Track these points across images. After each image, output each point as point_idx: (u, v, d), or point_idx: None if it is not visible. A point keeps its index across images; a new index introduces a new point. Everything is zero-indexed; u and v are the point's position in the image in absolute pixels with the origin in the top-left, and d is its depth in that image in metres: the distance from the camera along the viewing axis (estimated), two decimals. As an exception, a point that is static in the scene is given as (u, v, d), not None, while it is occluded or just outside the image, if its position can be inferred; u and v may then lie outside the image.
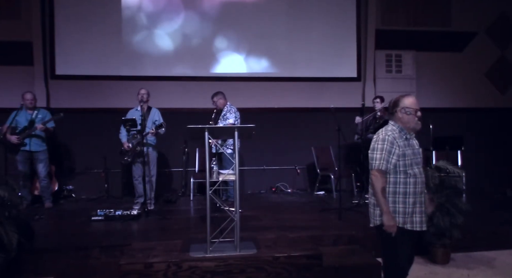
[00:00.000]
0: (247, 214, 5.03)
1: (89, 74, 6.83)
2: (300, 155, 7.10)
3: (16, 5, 6.68)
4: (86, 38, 6.81)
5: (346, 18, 7.48)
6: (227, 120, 5.56)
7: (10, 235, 3.38)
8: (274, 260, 3.45)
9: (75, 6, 6.78)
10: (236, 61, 7.23)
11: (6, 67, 6.66)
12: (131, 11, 6.94)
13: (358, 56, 7.55)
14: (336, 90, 7.37)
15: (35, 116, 5.55)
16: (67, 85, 6.82)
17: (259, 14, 7.20)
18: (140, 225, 4.85)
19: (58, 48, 6.81)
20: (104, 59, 6.88)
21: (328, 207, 5.61)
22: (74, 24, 6.78)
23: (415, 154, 2.72)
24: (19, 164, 5.52)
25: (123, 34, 6.94)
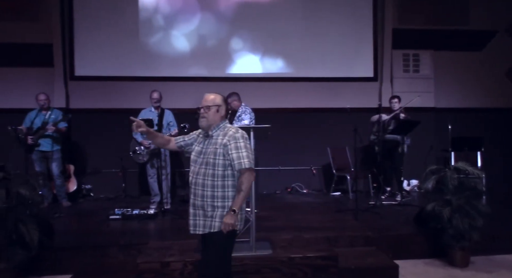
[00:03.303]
0: (263, 214, 5.03)
1: (107, 75, 6.95)
2: (316, 156, 7.07)
3: (36, 8, 6.83)
4: (104, 40, 6.93)
5: (363, 17, 7.41)
6: (242, 121, 5.56)
7: (31, 233, 3.46)
8: (289, 261, 3.45)
9: (94, 8, 6.90)
10: (251, 62, 7.24)
11: (27, 69, 6.81)
12: (148, 12, 7.02)
13: (374, 55, 7.47)
14: (352, 90, 7.31)
15: (48, 117, 5.66)
16: (86, 86, 6.94)
17: (275, 15, 7.20)
18: (157, 224, 4.91)
19: (77, 49, 6.94)
20: (122, 60, 6.98)
21: (344, 207, 5.58)
22: (92, 26, 6.91)
23: None
24: (35, 163, 5.65)
25: (140, 35, 7.02)
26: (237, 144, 2.58)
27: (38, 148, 5.58)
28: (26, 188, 3.61)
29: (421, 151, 6.69)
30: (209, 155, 2.59)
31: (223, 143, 2.58)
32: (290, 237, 4.06)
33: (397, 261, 3.77)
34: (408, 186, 7.00)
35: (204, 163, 2.60)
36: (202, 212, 2.59)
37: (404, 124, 5.83)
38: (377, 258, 3.85)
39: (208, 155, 2.60)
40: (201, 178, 2.59)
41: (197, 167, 2.63)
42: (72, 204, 5.98)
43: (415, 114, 6.16)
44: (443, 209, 3.88)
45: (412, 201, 5.92)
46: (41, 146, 5.58)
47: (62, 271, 3.74)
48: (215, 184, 2.56)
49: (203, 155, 2.63)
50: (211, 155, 2.58)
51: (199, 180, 2.59)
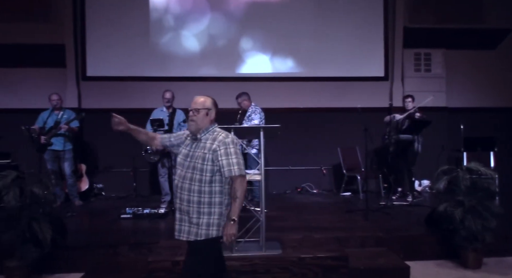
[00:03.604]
0: (272, 214, 5.02)
1: (119, 75, 7.01)
2: (326, 155, 7.05)
3: (49, 9, 6.92)
4: (115, 40, 6.99)
5: (373, 16, 7.36)
6: (252, 121, 5.57)
7: (44, 232, 3.51)
8: (299, 261, 3.45)
9: (106, 9, 6.97)
10: (261, 61, 7.24)
11: (40, 69, 6.91)
12: (158, 13, 7.07)
13: (385, 55, 7.41)
14: (363, 90, 7.26)
15: (61, 117, 5.74)
16: (98, 86, 7.02)
17: (285, 14, 7.19)
18: (167, 223, 4.92)
19: (89, 50, 7.02)
20: (133, 61, 7.04)
21: (354, 208, 5.55)
22: (104, 27, 6.98)
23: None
24: (48, 163, 5.72)
25: (150, 36, 7.07)
26: (227, 149, 2.50)
27: (51, 147, 5.65)
28: (39, 187, 3.66)
29: (433, 151, 6.62)
30: (196, 159, 2.51)
31: (212, 148, 2.50)
32: (300, 237, 4.06)
33: (408, 262, 3.74)
34: (419, 186, 6.94)
35: (191, 167, 2.51)
36: (188, 218, 2.51)
37: (416, 124, 5.78)
38: (388, 258, 3.83)
39: (195, 159, 2.51)
40: (187, 183, 2.51)
41: (184, 171, 2.54)
42: (84, 203, 6.05)
43: (427, 114, 6.10)
44: (455, 209, 3.84)
45: (423, 202, 5.87)
46: (54, 145, 5.65)
47: (74, 269, 3.79)
48: (202, 189, 2.49)
49: (190, 158, 2.55)
50: (199, 160, 2.50)
51: (185, 184, 2.52)
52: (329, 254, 3.52)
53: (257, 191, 5.47)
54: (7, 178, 3.60)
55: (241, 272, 3.40)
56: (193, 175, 2.50)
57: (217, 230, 2.51)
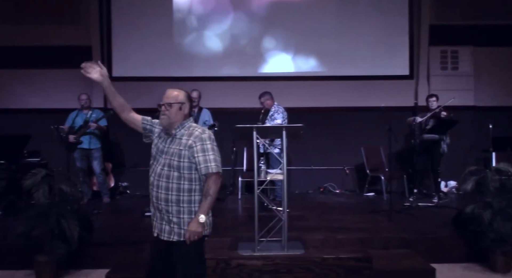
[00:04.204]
0: (295, 214, 5.00)
1: (143, 75, 7.13)
2: (349, 155, 6.97)
3: (77, 12, 7.12)
4: (140, 41, 7.12)
5: (398, 13, 7.22)
6: (274, 120, 5.57)
7: (72, 228, 3.61)
8: (322, 262, 3.43)
9: (130, 11, 7.11)
10: (283, 61, 7.23)
11: (68, 70, 7.07)
12: (182, 13, 7.15)
13: (410, 53, 7.26)
14: (387, 88, 7.14)
15: (90, 116, 5.87)
16: (123, 87, 7.04)
17: (307, 13, 7.14)
18: (190, 221, 4.98)
19: (114, 51, 7.17)
20: (157, 61, 7.15)
21: (378, 208, 5.47)
22: (129, 28, 7.12)
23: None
24: (77, 161, 5.87)
25: (174, 37, 7.17)
26: (204, 146, 2.38)
27: (81, 146, 5.80)
28: (67, 185, 3.76)
29: (460, 151, 6.46)
30: (172, 156, 2.39)
31: (188, 144, 2.38)
32: (322, 237, 4.03)
33: (434, 265, 3.66)
34: (445, 187, 6.78)
35: (167, 165, 2.39)
36: (167, 217, 2.40)
37: (441, 124, 5.65)
38: (413, 261, 3.76)
39: (171, 156, 2.39)
40: (164, 181, 2.38)
41: (159, 168, 2.42)
42: (110, 201, 6.19)
43: (454, 113, 5.95)
44: (483, 211, 3.74)
45: (449, 203, 5.73)
46: (83, 144, 5.80)
47: (100, 265, 3.86)
48: (181, 187, 2.37)
49: (165, 155, 2.42)
50: (175, 157, 2.38)
51: (162, 182, 2.38)
52: (352, 255, 3.48)
53: (279, 190, 5.46)
54: (37, 176, 3.72)
55: (263, 272, 3.41)
56: (170, 173, 2.38)
57: None
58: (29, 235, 3.56)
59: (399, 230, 4.38)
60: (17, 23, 7.04)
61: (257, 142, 3.68)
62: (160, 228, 2.45)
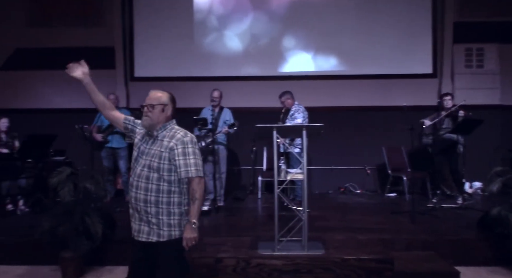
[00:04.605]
0: (315, 214, 4.98)
1: (164, 75, 7.22)
2: (370, 155, 6.89)
3: (101, 14, 7.30)
4: (161, 42, 7.22)
5: (421, 10, 7.09)
6: (295, 120, 5.55)
7: (96, 225, 3.69)
8: (342, 262, 3.40)
9: (152, 13, 7.22)
10: (304, 60, 7.20)
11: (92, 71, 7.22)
12: (202, 14, 7.21)
13: (433, 51, 7.12)
14: (409, 87, 7.02)
15: None
16: (145, 87, 7.17)
17: (327, 11, 7.10)
18: (210, 220, 5.03)
19: (136, 52, 7.30)
20: (178, 61, 7.24)
21: (400, 209, 5.38)
22: (151, 29, 7.23)
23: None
24: (104, 160, 5.99)
25: (195, 37, 7.23)
26: (185, 149, 2.37)
27: (107, 145, 5.91)
28: (91, 183, 3.85)
29: (485, 151, 6.29)
30: (153, 158, 2.38)
31: (169, 146, 2.37)
32: (343, 238, 4.00)
33: (458, 268, 3.58)
34: (470, 188, 6.61)
35: (147, 166, 2.39)
36: (146, 218, 2.39)
37: (466, 123, 5.51)
38: (436, 263, 3.68)
39: (152, 157, 2.38)
40: (144, 181, 2.38)
41: (139, 169, 2.41)
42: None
43: (478, 112, 5.79)
44: (510, 213, 3.64)
45: (474, 204, 5.59)
46: (110, 143, 5.91)
47: (122, 262, 3.91)
48: (161, 188, 2.37)
49: (146, 156, 2.41)
50: (156, 158, 2.37)
51: (141, 183, 2.38)
52: (373, 256, 3.44)
53: (299, 190, 5.44)
54: (63, 174, 3.82)
55: (283, 271, 3.41)
56: (150, 174, 2.37)
57: (180, 230, 2.41)
58: (55, 231, 3.66)
59: (421, 232, 4.30)
60: (44, 26, 7.27)
61: (277, 142, 3.67)
62: (139, 229, 2.43)
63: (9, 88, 7.30)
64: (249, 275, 3.42)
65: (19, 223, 4.94)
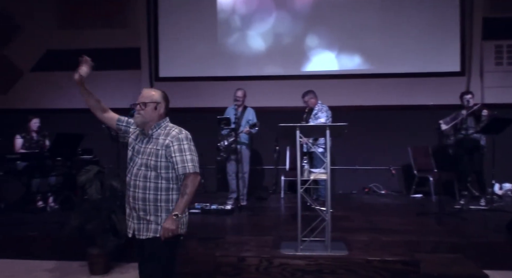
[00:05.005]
0: (338, 214, 4.95)
1: (189, 75, 7.31)
2: (395, 155, 6.78)
3: (126, 16, 7.45)
4: (185, 43, 7.31)
5: (448, 5, 6.90)
6: (318, 119, 5.52)
7: (122, 223, 3.74)
8: (366, 264, 3.36)
9: (176, 14, 7.32)
10: (327, 59, 7.14)
11: (118, 72, 7.42)
12: (225, 14, 7.26)
13: (461, 48, 6.92)
14: (436, 86, 6.85)
15: None
16: (169, 87, 7.31)
17: (351, 9, 7.01)
18: (233, 219, 5.06)
19: (161, 52, 7.42)
20: (202, 61, 7.30)
21: (426, 211, 5.27)
22: (175, 30, 7.33)
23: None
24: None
25: (218, 37, 7.29)
26: (181, 146, 2.38)
27: None
28: (118, 181, 3.93)
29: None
30: (149, 156, 2.39)
31: (165, 144, 2.38)
32: (367, 239, 3.95)
33: (486, 271, 3.48)
34: (500, 189, 6.41)
35: (144, 164, 2.39)
36: (144, 216, 2.40)
37: (495, 123, 5.33)
38: (464, 266, 3.59)
39: (148, 156, 2.39)
40: (141, 180, 2.38)
41: (135, 168, 2.42)
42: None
43: (508, 111, 5.60)
44: (542, 216, 3.51)
45: (504, 206, 5.42)
46: None
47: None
48: (159, 186, 2.38)
49: (142, 155, 2.42)
50: (153, 157, 2.38)
51: (139, 182, 2.39)
52: (398, 258, 3.39)
53: (322, 190, 5.41)
54: (90, 173, 3.92)
55: (306, 271, 3.40)
56: (147, 172, 2.38)
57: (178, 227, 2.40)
58: (83, 228, 3.76)
59: (448, 234, 4.20)
60: (72, 28, 7.48)
61: (301, 141, 3.66)
62: (138, 227, 2.44)
63: (40, 88, 7.56)
64: (271, 275, 3.43)
65: (49, 220, 5.10)
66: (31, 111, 6.53)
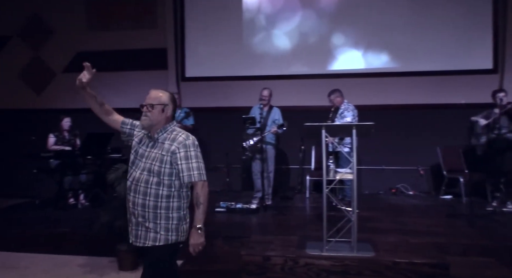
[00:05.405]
0: (364, 215, 4.88)
1: (214, 75, 7.37)
2: (424, 155, 6.61)
3: (153, 17, 7.58)
4: (211, 43, 7.37)
5: (480, 1, 6.66)
6: (344, 118, 5.46)
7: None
8: (394, 266, 3.30)
9: (202, 14, 7.39)
10: (353, 57, 7.04)
11: (145, 72, 7.57)
12: (251, 13, 7.27)
13: (494, 44, 6.66)
14: (467, 84, 6.63)
15: (179, 115, 6.20)
16: (195, 87, 7.47)
17: (378, 6, 6.88)
18: (258, 218, 5.08)
19: (188, 53, 7.51)
20: (227, 61, 7.35)
21: (456, 212, 5.13)
22: (201, 30, 7.40)
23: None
24: None
25: (244, 36, 7.31)
26: (188, 153, 2.30)
27: None
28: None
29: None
30: (153, 161, 2.31)
31: (171, 150, 2.30)
32: (394, 241, 3.89)
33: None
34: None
35: (147, 169, 2.31)
36: (143, 223, 2.33)
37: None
38: (497, 271, 3.48)
39: (153, 161, 2.31)
40: (143, 186, 2.31)
41: (138, 172, 2.34)
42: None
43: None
44: None
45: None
46: None
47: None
48: (160, 193, 2.30)
49: (146, 159, 2.34)
50: (157, 162, 2.30)
51: (140, 187, 2.31)
52: (427, 261, 3.31)
53: (348, 190, 5.34)
54: (119, 171, 4.02)
55: (332, 272, 3.37)
56: (150, 178, 2.30)
57: (176, 235, 2.35)
58: (112, 225, 3.85)
59: (480, 237, 4.08)
60: (102, 30, 7.68)
61: (326, 141, 3.63)
62: (136, 234, 2.37)
63: (71, 89, 7.72)
64: (297, 275, 3.42)
65: (80, 216, 5.28)
66: (63, 111, 6.74)
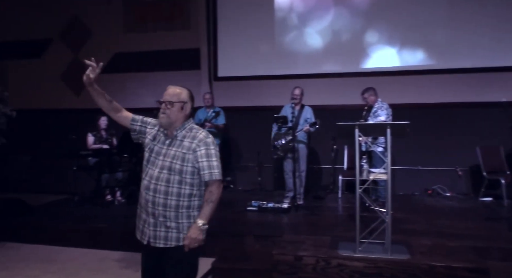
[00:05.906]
0: (399, 216, 4.77)
1: (246, 75, 7.41)
2: (462, 155, 6.38)
3: (187, 18, 7.72)
4: (243, 42, 7.42)
5: (524, -4, 6.37)
6: (378, 117, 5.35)
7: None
8: (430, 269, 3.21)
9: (234, 14, 7.44)
10: (388, 55, 6.88)
11: (179, 72, 7.71)
12: (283, 12, 7.25)
13: (538, 39, 6.36)
14: (508, 81, 6.35)
15: (210, 115, 6.29)
16: (228, 86, 7.54)
17: (413, 1, 6.69)
18: (290, 218, 5.07)
19: (220, 52, 7.58)
20: (259, 60, 7.37)
21: (497, 215, 4.93)
22: (233, 30, 7.46)
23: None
24: None
25: (275, 35, 7.30)
26: (208, 150, 2.25)
27: None
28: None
29: None
30: (174, 159, 2.25)
31: (192, 148, 2.25)
32: (430, 243, 3.78)
33: None
34: None
35: (166, 167, 2.25)
36: (163, 223, 2.25)
37: None
38: (541, 277, 3.32)
39: (173, 159, 2.25)
40: (163, 185, 2.24)
41: (156, 171, 2.26)
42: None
43: None
44: None
45: None
46: None
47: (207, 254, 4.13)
48: (182, 192, 2.24)
49: (164, 157, 2.27)
50: (178, 160, 2.24)
51: (161, 186, 2.24)
52: (465, 265, 3.20)
53: (382, 191, 5.24)
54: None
55: (365, 274, 3.32)
56: (170, 176, 2.24)
57: None
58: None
59: (523, 241, 3.90)
60: (138, 31, 7.90)
61: (359, 140, 3.58)
62: (154, 235, 2.28)
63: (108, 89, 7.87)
64: (329, 275, 3.39)
65: (117, 212, 5.46)
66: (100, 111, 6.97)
